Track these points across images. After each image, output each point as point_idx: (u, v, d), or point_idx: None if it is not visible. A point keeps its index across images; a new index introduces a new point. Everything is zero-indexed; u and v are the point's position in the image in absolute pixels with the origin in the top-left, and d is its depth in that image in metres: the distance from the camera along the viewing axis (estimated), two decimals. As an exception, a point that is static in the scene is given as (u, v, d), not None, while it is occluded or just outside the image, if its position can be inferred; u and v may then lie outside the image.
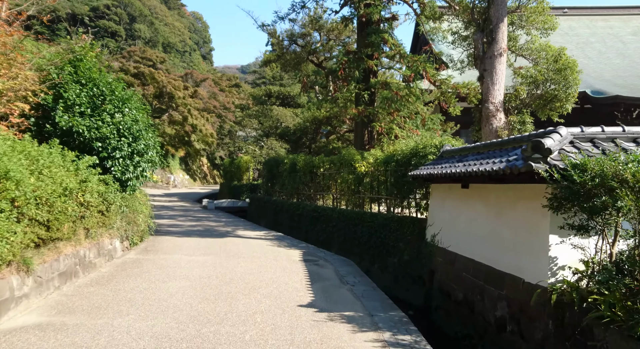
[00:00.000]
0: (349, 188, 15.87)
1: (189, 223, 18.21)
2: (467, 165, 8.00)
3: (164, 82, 30.35)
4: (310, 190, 18.94)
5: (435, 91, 19.24)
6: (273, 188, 23.41)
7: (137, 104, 10.40)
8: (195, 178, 57.84)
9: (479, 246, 8.01)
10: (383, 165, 13.47)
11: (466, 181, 8.63)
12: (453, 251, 9.04)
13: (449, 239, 9.35)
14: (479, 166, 7.42)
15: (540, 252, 6.11)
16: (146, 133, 10.19)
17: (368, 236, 13.07)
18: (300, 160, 19.27)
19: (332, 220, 15.50)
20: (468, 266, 8.26)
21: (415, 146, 11.79)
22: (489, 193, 7.86)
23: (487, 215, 7.86)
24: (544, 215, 6.12)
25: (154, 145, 10.59)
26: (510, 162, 6.52)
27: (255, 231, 16.52)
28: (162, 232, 14.93)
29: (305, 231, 17.39)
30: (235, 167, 29.79)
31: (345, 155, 15.68)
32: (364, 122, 19.01)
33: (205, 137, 32.83)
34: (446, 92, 19.11)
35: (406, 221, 11.52)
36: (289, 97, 35.52)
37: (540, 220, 6.23)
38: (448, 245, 9.36)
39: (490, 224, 7.70)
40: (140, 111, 10.46)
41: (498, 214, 7.50)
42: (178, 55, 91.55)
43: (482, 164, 7.47)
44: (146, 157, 10.14)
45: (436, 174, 8.97)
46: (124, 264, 9.53)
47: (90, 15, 75.07)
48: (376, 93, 19.22)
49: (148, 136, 10.28)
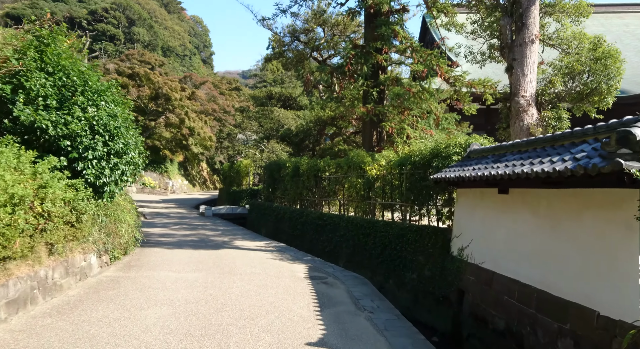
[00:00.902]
0: (357, 194, 14.42)
1: (183, 232, 16.75)
2: (510, 166, 6.55)
3: (160, 83, 29.00)
4: (315, 196, 17.49)
5: (448, 89, 17.83)
6: (274, 194, 21.97)
7: (115, 97, 8.97)
8: (195, 183, 56.41)
9: (526, 265, 6.54)
10: (397, 167, 12.03)
11: (506, 185, 7.18)
12: (489, 269, 7.57)
13: (483, 254, 7.89)
14: (528, 166, 5.97)
15: (627, 279, 4.65)
16: (126, 131, 8.75)
17: (381, 247, 11.61)
18: (304, 163, 17.84)
19: (339, 229, 14.04)
20: (511, 288, 6.79)
21: (436, 146, 10.35)
22: (538, 200, 6.40)
23: (536, 227, 6.40)
24: (629, 229, 4.66)
25: (135, 145, 9.14)
26: (579, 160, 5.07)
27: (255, 242, 15.05)
28: (151, 243, 13.48)
29: (309, 241, 15.93)
30: (234, 172, 28.36)
31: (354, 157, 14.24)
32: (372, 122, 17.58)
33: (203, 140, 31.42)
34: (460, 89, 17.74)
35: (426, 231, 10.05)
36: (291, 99, 34.15)
37: (623, 236, 4.77)
38: (481, 261, 7.89)
39: (541, 239, 6.24)
40: (120, 105, 9.03)
41: (553, 226, 6.04)
42: (178, 59, 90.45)
43: (533, 164, 6.03)
44: (126, 158, 8.69)
45: (467, 177, 7.51)
46: (99, 284, 8.07)
47: (89, 18, 74.05)
48: (385, 90, 17.81)
49: (129, 134, 8.84)
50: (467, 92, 17.74)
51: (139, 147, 9.50)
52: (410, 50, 16.33)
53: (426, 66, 16.20)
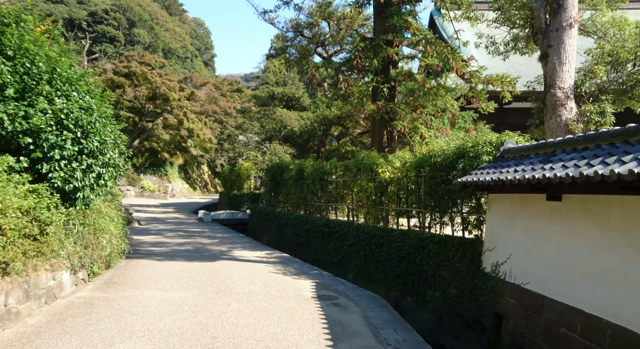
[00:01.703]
0: (368, 199, 13.12)
1: (178, 240, 15.46)
2: (571, 167, 5.24)
3: (158, 83, 27.76)
4: (321, 201, 16.19)
5: (462, 86, 16.53)
6: (277, 198, 20.69)
7: (91, 87, 7.71)
8: (195, 187, 55.20)
9: (589, 290, 5.23)
10: (414, 169, 10.73)
11: (559, 190, 5.88)
12: (536, 292, 6.25)
13: (526, 272, 6.57)
14: (602, 167, 4.66)
15: None
16: (103, 127, 7.46)
17: (397, 259, 10.29)
18: (309, 165, 16.55)
19: (348, 238, 12.73)
20: (571, 319, 5.47)
21: (462, 145, 9.03)
22: (608, 209, 5.10)
23: (604, 243, 5.09)
24: None
25: (115, 144, 7.84)
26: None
27: (256, 251, 13.75)
28: (140, 253, 12.20)
29: (315, 250, 14.63)
30: (235, 175, 27.08)
31: (364, 158, 12.94)
32: (383, 121, 16.29)
33: (203, 142, 30.15)
34: (475, 86, 16.45)
35: (451, 242, 8.74)
36: (294, 99, 32.90)
37: None
38: (525, 281, 6.57)
39: (613, 257, 4.93)
40: (97, 97, 7.76)
41: (631, 243, 4.73)
42: (179, 62, 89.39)
43: (605, 164, 4.73)
44: (103, 159, 7.40)
45: (510, 180, 6.21)
46: (68, 309, 6.78)
47: (89, 20, 73.05)
48: (397, 87, 16.51)
49: (106, 131, 7.56)
50: (482, 89, 16.47)
51: (120, 146, 8.21)
52: (424, 42, 15.02)
53: (441, 60, 14.91)
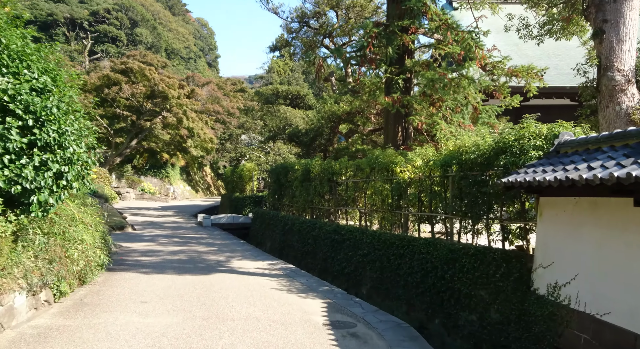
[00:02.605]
0: (383, 202, 11.64)
1: (171, 248, 14.01)
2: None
3: (156, 80, 26.40)
4: (329, 204, 14.72)
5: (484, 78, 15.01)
6: (281, 201, 19.23)
7: (50, 65, 6.27)
8: (198, 189, 53.83)
9: None
10: (440, 168, 9.24)
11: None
12: (624, 329, 4.74)
13: (606, 299, 5.06)
14: None
15: None
16: (64, 115, 6.01)
17: (421, 274, 8.79)
18: (316, 165, 15.08)
19: (361, 246, 11.24)
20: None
21: (502, 138, 7.53)
22: None
23: None
24: None
25: (79, 135, 6.36)
26: None
27: (257, 261, 12.26)
28: (126, 264, 10.76)
29: (323, 259, 13.15)
30: (237, 177, 25.64)
31: (380, 157, 11.46)
32: (397, 116, 14.80)
33: (203, 142, 28.74)
34: (498, 78, 14.93)
35: (491, 256, 7.22)
36: (299, 97, 31.45)
37: None
38: (603, 312, 5.06)
39: None
40: (59, 79, 6.32)
41: None
42: (182, 62, 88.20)
43: None
44: (64, 154, 5.94)
45: (584, 179, 4.72)
46: (13, 345, 5.32)
47: (90, 19, 72.01)
48: (413, 78, 15.01)
49: (68, 119, 6.10)
50: (505, 81, 14.95)
51: (90, 139, 6.75)
52: (445, 28, 13.51)
53: (463, 48, 13.42)
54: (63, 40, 69.59)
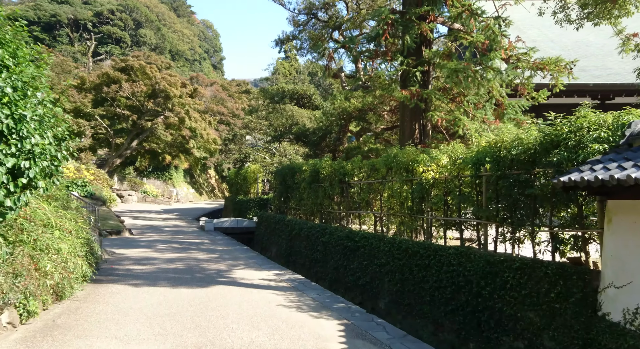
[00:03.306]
0: (402, 206, 10.46)
1: (169, 254, 12.87)
2: None
3: (157, 78, 25.35)
4: (340, 208, 13.54)
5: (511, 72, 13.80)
6: (287, 205, 18.07)
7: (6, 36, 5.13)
8: (202, 192, 52.77)
9: None
10: (471, 167, 8.06)
11: None
12: None
13: None
14: None
15: None
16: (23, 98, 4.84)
17: (452, 289, 7.59)
18: (325, 165, 13.92)
19: (378, 255, 10.05)
20: None
21: (553, 130, 6.33)
22: None
23: None
24: None
25: (40, 121, 5.15)
26: None
27: (262, 271, 11.07)
28: (116, 274, 9.62)
29: (334, 268, 11.97)
30: (241, 179, 24.50)
31: (399, 155, 10.27)
32: (414, 112, 13.62)
33: (206, 143, 27.64)
34: (523, 71, 13.72)
35: (543, 270, 6.02)
36: (305, 97, 30.31)
37: None
38: None
39: None
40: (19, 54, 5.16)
41: None
42: (187, 64, 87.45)
43: None
44: (23, 146, 4.78)
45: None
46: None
47: (94, 20, 71.37)
48: (431, 71, 13.82)
49: (29, 104, 4.94)
50: (530, 75, 13.74)
51: (60, 129, 5.60)
52: (468, 14, 12.33)
53: (487, 37, 12.24)
54: (67, 41, 69.05)
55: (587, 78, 16.86)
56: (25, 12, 67.10)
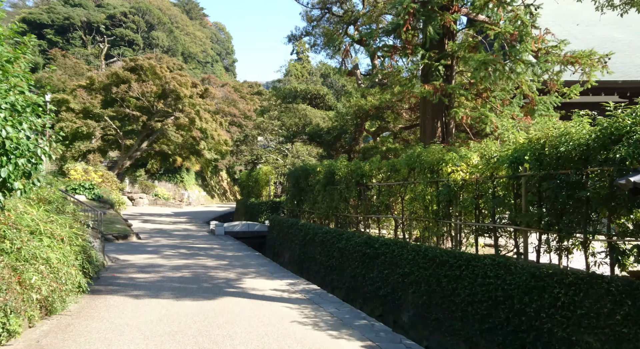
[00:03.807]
0: (426, 210, 9.60)
1: (176, 261, 12.13)
2: None
3: (167, 78, 24.76)
4: (357, 212, 12.71)
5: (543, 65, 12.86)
6: (300, 208, 17.28)
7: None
8: (214, 194, 52.25)
9: None
10: (508, 167, 7.18)
11: None
12: None
13: None
14: None
15: None
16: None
17: (488, 304, 6.70)
18: (341, 166, 13.09)
19: (401, 263, 9.19)
20: None
21: (614, 123, 5.44)
22: None
23: None
24: None
25: (15, 111, 4.38)
26: None
27: (274, 280, 10.25)
28: (117, 283, 8.88)
29: (352, 277, 11.13)
30: (252, 181, 23.76)
31: (423, 154, 9.42)
32: (436, 109, 12.77)
33: (217, 144, 26.97)
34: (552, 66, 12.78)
35: (605, 287, 5.12)
36: (318, 97, 29.53)
37: None
38: None
39: None
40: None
41: None
42: (199, 66, 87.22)
43: None
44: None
45: None
46: None
47: (107, 23, 71.34)
48: (454, 66, 12.94)
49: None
50: (560, 70, 12.79)
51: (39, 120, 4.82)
52: (495, 2, 11.43)
53: (516, 27, 11.36)
54: (80, 44, 69.09)
55: (616, 76, 15.88)
56: (39, 15, 67.50)
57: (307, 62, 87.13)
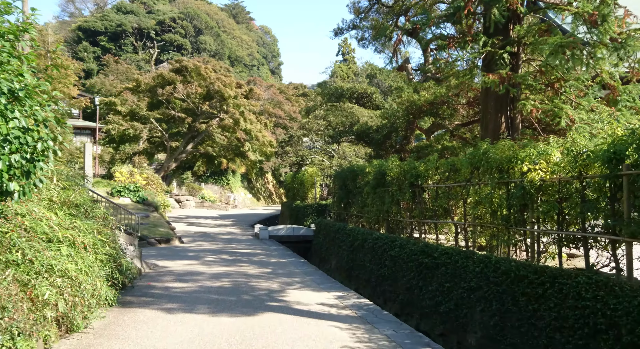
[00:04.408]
0: (494, 215, 8.36)
1: (216, 268, 11.40)
2: None
3: (212, 79, 24.37)
4: (411, 215, 11.56)
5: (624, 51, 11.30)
6: (348, 211, 16.27)
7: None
8: (259, 197, 52.01)
9: None
10: (602, 164, 5.91)
11: None
12: None
13: None
14: None
15: None
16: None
17: (585, 332, 5.46)
18: (393, 167, 12.00)
19: (466, 276, 8.02)
20: None
21: None
22: None
23: None
24: None
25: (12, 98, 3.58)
26: None
27: (321, 292, 9.26)
28: (151, 294, 8.18)
29: (406, 289, 10.01)
30: (297, 183, 22.94)
31: (490, 152, 8.21)
32: (500, 102, 11.49)
33: (262, 145, 26.36)
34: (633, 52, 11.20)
35: None
36: (365, 96, 28.42)
37: None
38: None
39: None
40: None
41: None
42: (245, 69, 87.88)
43: None
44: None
45: None
46: None
47: (157, 29, 72.96)
48: (521, 53, 11.59)
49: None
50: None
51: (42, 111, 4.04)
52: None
53: (596, 7, 9.93)
54: (131, 50, 70.97)
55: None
56: (94, 23, 69.82)
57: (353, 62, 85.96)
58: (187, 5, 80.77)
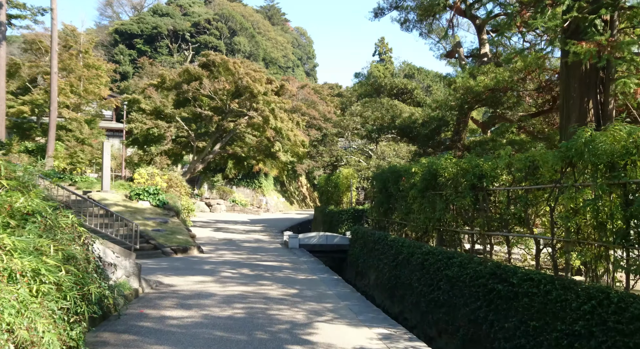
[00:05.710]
0: (600, 228, 6.03)
1: (231, 288, 9.38)
2: None
3: (240, 73, 22.64)
4: (472, 225, 9.27)
5: None
6: (389, 218, 14.07)
7: None
8: (292, 201, 50.16)
9: None
10: None
11: None
12: None
13: None
14: None
15: None
16: None
17: None
18: (448, 165, 9.75)
19: (563, 315, 5.72)
20: None
21: None
22: None
23: None
24: None
25: None
26: None
27: (360, 328, 7.02)
28: (137, 329, 6.24)
29: (470, 321, 7.74)
30: (331, 186, 20.84)
31: (592, 141, 5.90)
32: (585, 84, 9.05)
33: (294, 145, 24.43)
34: None
35: None
36: (405, 92, 26.11)
37: None
38: None
39: None
40: None
41: None
42: (280, 71, 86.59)
43: None
44: None
45: None
46: None
47: (192, 31, 72.57)
48: (615, 20, 9.13)
49: None
50: None
51: None
52: None
53: None
54: (166, 52, 70.74)
55: None
56: (130, 25, 69.98)
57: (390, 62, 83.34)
58: (223, 7, 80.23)
